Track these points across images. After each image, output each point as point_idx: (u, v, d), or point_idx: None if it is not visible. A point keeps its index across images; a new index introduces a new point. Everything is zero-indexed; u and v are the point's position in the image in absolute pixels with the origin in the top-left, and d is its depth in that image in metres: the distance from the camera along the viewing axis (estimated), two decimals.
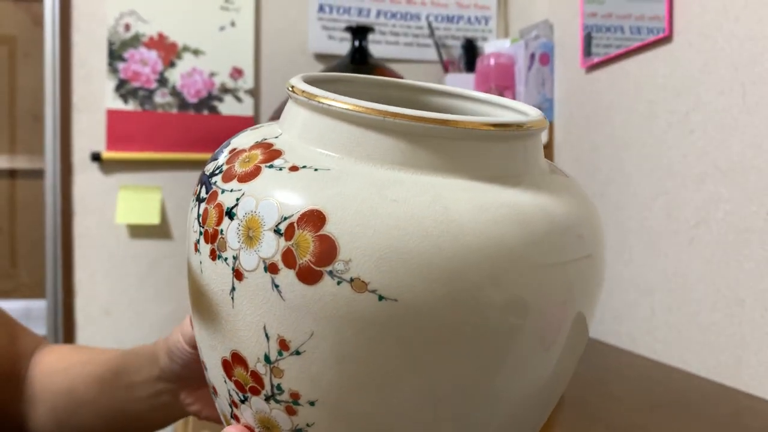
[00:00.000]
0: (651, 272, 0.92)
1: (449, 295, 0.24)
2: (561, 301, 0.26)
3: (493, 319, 0.25)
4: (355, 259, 0.24)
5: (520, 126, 0.27)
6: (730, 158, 0.77)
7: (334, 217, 0.25)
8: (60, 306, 1.22)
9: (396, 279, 0.24)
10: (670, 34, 0.88)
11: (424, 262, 0.24)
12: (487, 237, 0.24)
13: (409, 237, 0.24)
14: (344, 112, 0.27)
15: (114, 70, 1.24)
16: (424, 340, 0.24)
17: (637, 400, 0.72)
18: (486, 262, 0.24)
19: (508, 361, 0.26)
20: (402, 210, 0.24)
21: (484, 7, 1.42)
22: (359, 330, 0.24)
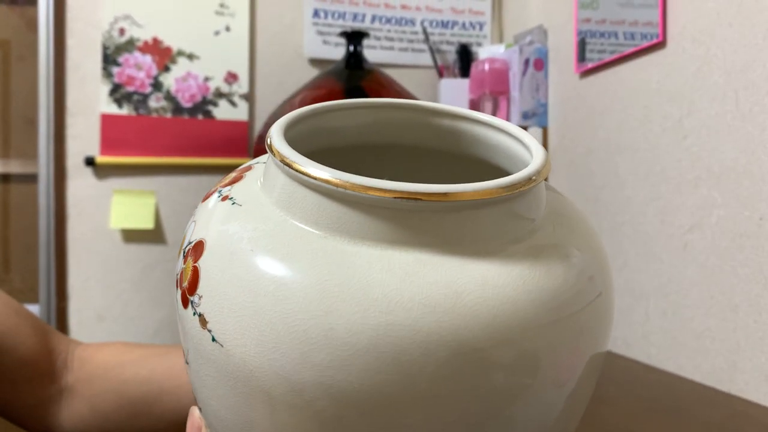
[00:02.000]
0: (645, 277, 0.92)
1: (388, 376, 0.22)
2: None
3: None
4: (204, 297, 0.24)
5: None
6: (723, 163, 0.77)
7: (209, 253, 0.25)
8: (53, 311, 1.21)
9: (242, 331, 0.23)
10: (664, 39, 0.89)
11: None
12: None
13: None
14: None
15: (108, 74, 1.24)
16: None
17: (632, 404, 0.72)
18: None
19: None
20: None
21: (478, 13, 1.42)
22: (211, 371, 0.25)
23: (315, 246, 0.23)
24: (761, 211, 0.72)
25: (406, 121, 0.33)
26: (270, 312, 0.22)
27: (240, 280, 0.23)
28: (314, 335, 0.22)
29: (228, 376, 0.24)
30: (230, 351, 0.24)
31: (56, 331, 0.53)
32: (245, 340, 0.23)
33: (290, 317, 0.22)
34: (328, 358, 0.22)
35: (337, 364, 0.22)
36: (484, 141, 0.32)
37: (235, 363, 0.24)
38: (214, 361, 0.24)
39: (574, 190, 1.13)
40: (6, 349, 0.47)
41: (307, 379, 0.22)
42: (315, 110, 0.30)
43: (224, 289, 0.24)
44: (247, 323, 0.23)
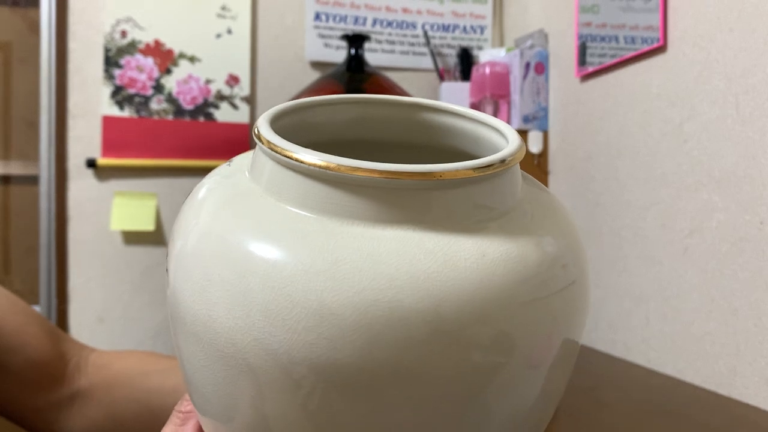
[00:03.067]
0: (645, 281, 0.92)
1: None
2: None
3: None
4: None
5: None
6: (723, 168, 0.78)
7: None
8: (53, 312, 1.21)
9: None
10: (665, 44, 0.89)
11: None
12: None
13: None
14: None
15: (110, 76, 1.24)
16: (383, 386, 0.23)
17: (632, 408, 0.72)
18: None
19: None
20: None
21: (479, 17, 1.42)
22: None
23: (304, 227, 0.24)
24: (761, 215, 0.72)
25: (390, 116, 0.34)
26: (259, 292, 0.23)
27: (230, 262, 0.24)
28: (302, 313, 0.23)
29: (216, 354, 0.25)
30: (218, 330, 0.24)
31: (68, 336, 0.52)
32: (234, 320, 0.24)
33: (280, 297, 0.23)
34: (314, 335, 0.22)
35: (324, 342, 0.22)
36: (465, 133, 0.33)
37: (223, 341, 0.24)
38: (203, 341, 0.25)
39: (575, 194, 1.13)
40: (13, 348, 0.47)
41: (294, 355, 0.23)
42: (300, 105, 0.31)
43: (216, 271, 0.24)
44: (236, 302, 0.24)
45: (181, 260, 0.27)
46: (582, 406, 0.72)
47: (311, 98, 0.32)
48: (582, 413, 0.70)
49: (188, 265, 0.26)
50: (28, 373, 0.48)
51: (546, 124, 1.23)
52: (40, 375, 0.48)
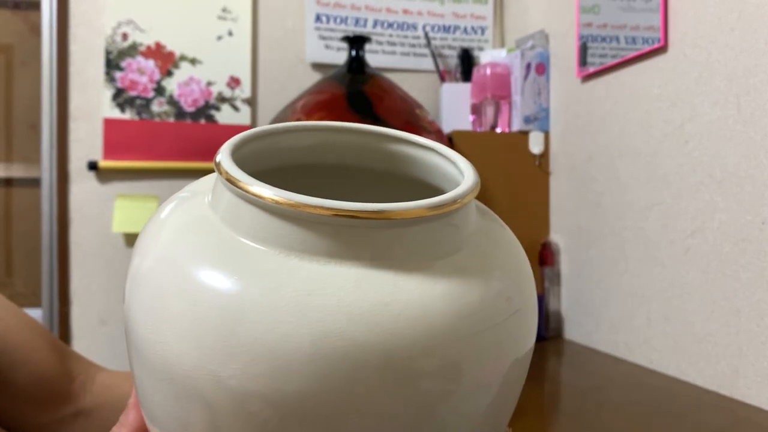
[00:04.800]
0: (647, 282, 0.92)
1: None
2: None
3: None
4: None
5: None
6: (725, 168, 0.77)
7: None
8: (56, 315, 1.21)
9: None
10: (665, 44, 0.89)
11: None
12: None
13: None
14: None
15: (111, 79, 1.24)
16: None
17: (633, 409, 0.72)
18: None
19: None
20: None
21: (480, 17, 1.42)
22: None
23: (256, 259, 0.25)
24: (763, 216, 0.72)
25: (351, 143, 0.35)
26: (211, 322, 0.23)
27: (182, 290, 0.24)
28: (253, 346, 0.23)
29: (166, 380, 0.25)
30: (168, 357, 0.24)
31: (75, 353, 0.52)
32: (185, 348, 0.24)
33: (230, 328, 0.23)
34: (266, 367, 0.23)
35: (276, 374, 0.23)
36: (423, 162, 0.34)
37: (173, 368, 0.24)
38: (154, 365, 0.25)
39: (576, 195, 1.13)
40: (18, 364, 0.47)
41: (247, 387, 0.23)
42: (263, 132, 0.32)
43: (167, 297, 0.25)
44: (186, 331, 0.24)
45: (136, 279, 0.27)
46: (584, 407, 0.72)
47: (275, 125, 0.33)
48: (584, 414, 0.70)
49: (141, 285, 0.26)
50: (32, 389, 0.47)
51: (547, 124, 1.23)
52: (45, 391, 0.48)
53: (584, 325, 1.10)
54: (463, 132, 1.20)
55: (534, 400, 0.75)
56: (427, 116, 1.08)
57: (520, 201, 1.22)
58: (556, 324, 1.18)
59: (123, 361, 1.27)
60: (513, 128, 1.23)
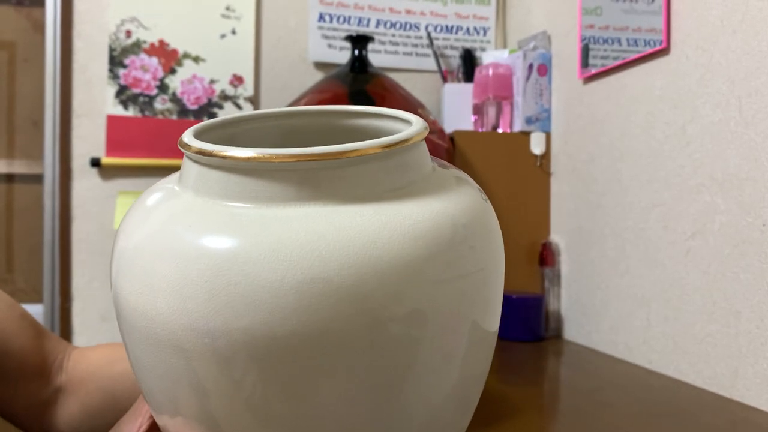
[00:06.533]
0: (647, 282, 0.93)
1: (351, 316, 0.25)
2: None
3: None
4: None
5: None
6: (726, 170, 0.78)
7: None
8: (57, 311, 1.21)
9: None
10: (668, 46, 0.89)
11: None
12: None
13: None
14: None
15: (114, 76, 1.24)
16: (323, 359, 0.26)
17: (633, 410, 0.72)
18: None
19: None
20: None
21: (482, 18, 1.43)
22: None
23: (234, 216, 0.27)
24: (763, 218, 0.72)
25: (312, 125, 0.37)
26: (192, 276, 0.25)
27: (170, 256, 0.26)
28: (236, 293, 0.25)
29: (155, 345, 0.27)
30: (157, 319, 0.26)
31: (52, 334, 0.54)
32: (172, 308, 0.26)
33: (208, 277, 0.25)
34: (250, 313, 0.24)
35: (260, 317, 0.24)
36: (380, 130, 0.36)
37: (161, 330, 0.26)
38: (144, 333, 0.27)
39: (577, 195, 1.14)
40: (9, 352, 0.48)
41: (231, 337, 0.25)
42: (225, 120, 0.34)
43: (155, 265, 0.26)
44: (174, 292, 0.26)
45: (122, 258, 0.29)
46: (583, 407, 0.73)
47: (238, 114, 0.35)
48: (583, 414, 0.70)
49: (130, 261, 0.28)
50: (19, 374, 0.49)
51: (548, 125, 1.23)
52: (30, 375, 0.49)
53: (584, 325, 1.10)
54: (465, 132, 1.21)
55: (533, 400, 0.75)
56: (429, 116, 1.09)
57: (521, 201, 1.22)
58: (555, 324, 1.18)
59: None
60: (514, 129, 1.23)
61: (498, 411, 0.70)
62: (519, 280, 1.21)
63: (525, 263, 1.21)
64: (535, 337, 1.12)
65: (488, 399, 0.75)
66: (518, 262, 1.21)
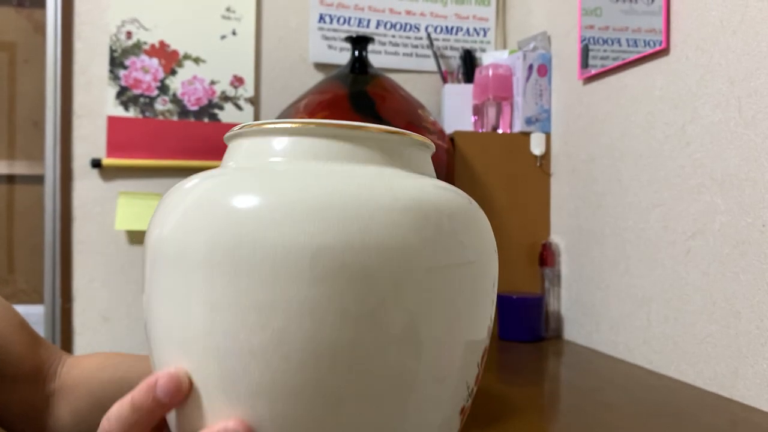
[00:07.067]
0: (647, 283, 0.93)
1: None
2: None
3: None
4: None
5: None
6: (726, 170, 0.78)
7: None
8: (58, 312, 1.22)
9: None
10: (667, 47, 0.89)
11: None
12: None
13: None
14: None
15: (115, 77, 1.25)
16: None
17: (634, 410, 0.72)
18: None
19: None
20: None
21: (482, 19, 1.43)
22: None
23: (268, 162, 0.33)
24: (763, 218, 0.72)
25: None
26: (220, 225, 0.30)
27: (199, 210, 0.31)
28: (254, 245, 0.29)
29: (184, 268, 0.31)
30: (191, 245, 0.30)
31: (47, 341, 0.55)
32: (199, 244, 0.31)
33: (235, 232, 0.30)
34: (262, 265, 0.29)
35: (271, 273, 0.29)
36: None
37: (193, 253, 0.30)
38: (177, 262, 0.31)
39: (577, 196, 1.14)
40: (7, 357, 0.49)
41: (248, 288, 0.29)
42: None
43: (192, 212, 0.31)
44: (202, 235, 0.30)
45: (168, 215, 0.33)
46: (583, 407, 0.73)
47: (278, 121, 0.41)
48: (583, 414, 0.70)
49: (175, 215, 0.32)
50: (13, 378, 0.49)
51: (548, 126, 1.23)
52: (24, 379, 0.50)
53: (584, 325, 1.11)
54: (465, 132, 1.21)
55: (534, 400, 0.76)
56: (429, 117, 1.09)
57: (521, 201, 1.22)
58: (556, 324, 1.18)
59: None
60: (514, 129, 1.24)
61: (498, 411, 0.70)
62: (519, 281, 1.21)
63: (525, 263, 1.22)
64: (535, 337, 1.12)
65: (488, 399, 0.75)
66: (518, 262, 1.21)
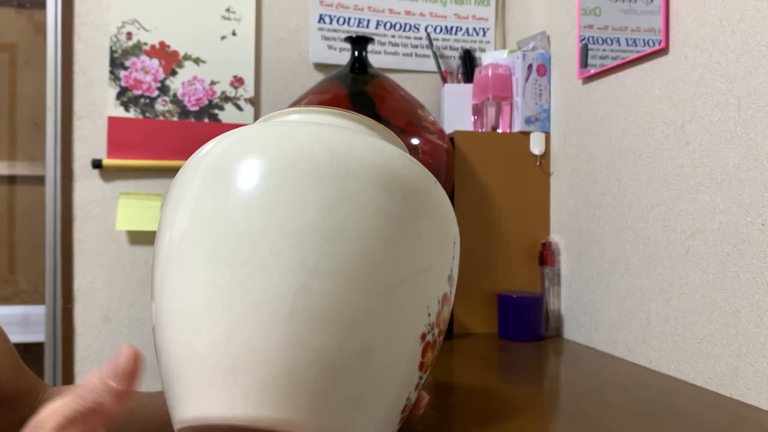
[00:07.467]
0: (647, 282, 0.93)
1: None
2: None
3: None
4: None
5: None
6: (725, 170, 0.78)
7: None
8: (59, 312, 1.22)
9: None
10: (667, 46, 0.89)
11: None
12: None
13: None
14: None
15: (116, 77, 1.25)
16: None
17: (633, 409, 0.72)
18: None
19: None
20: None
21: (482, 19, 1.43)
22: None
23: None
24: (763, 217, 0.72)
25: None
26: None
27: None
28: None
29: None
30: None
31: (29, 370, 0.54)
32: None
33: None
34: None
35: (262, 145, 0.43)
36: None
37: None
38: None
39: (576, 195, 1.14)
40: None
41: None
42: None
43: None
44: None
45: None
46: (583, 406, 0.73)
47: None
48: (583, 413, 0.70)
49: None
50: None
51: (548, 125, 1.24)
52: (2, 404, 0.50)
53: (584, 324, 1.11)
54: (465, 132, 1.21)
55: (533, 399, 0.76)
56: (429, 116, 1.09)
57: (521, 201, 1.22)
58: (555, 323, 1.19)
59: None
60: (514, 129, 1.24)
61: (498, 410, 0.71)
62: (519, 280, 1.21)
63: (525, 263, 1.22)
64: (535, 336, 1.13)
65: (488, 398, 0.75)
66: (518, 261, 1.21)
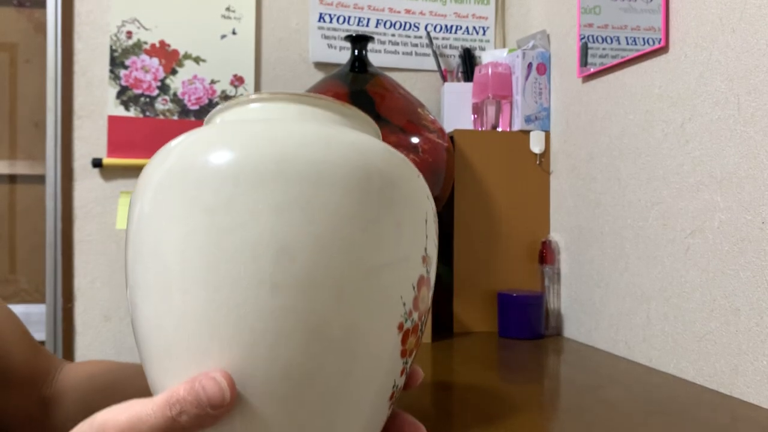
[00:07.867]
0: (647, 280, 0.93)
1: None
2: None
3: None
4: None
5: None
6: (725, 168, 0.78)
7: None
8: (59, 311, 1.22)
9: None
10: (666, 45, 0.89)
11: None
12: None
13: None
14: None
15: (116, 77, 1.25)
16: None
17: (633, 407, 0.72)
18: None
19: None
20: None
21: (482, 18, 1.43)
22: None
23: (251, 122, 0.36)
24: (763, 215, 0.72)
25: None
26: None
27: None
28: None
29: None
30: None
31: (45, 349, 0.55)
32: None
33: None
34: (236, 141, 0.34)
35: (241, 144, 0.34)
36: None
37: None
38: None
39: (576, 194, 1.14)
40: (8, 362, 0.49)
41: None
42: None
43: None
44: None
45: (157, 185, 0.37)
46: (583, 405, 0.73)
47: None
48: (583, 412, 0.70)
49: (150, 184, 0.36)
50: (11, 383, 0.50)
51: (548, 124, 1.24)
52: (22, 385, 0.51)
53: (584, 323, 1.11)
54: (465, 131, 1.21)
55: (533, 398, 0.76)
56: (428, 115, 1.09)
57: (521, 200, 1.22)
58: (555, 322, 1.19)
59: (126, 357, 1.28)
60: (514, 128, 1.24)
61: (498, 409, 0.71)
62: (519, 279, 1.21)
63: (525, 261, 1.22)
64: (535, 335, 1.13)
65: (488, 397, 0.75)
66: (518, 260, 1.22)
